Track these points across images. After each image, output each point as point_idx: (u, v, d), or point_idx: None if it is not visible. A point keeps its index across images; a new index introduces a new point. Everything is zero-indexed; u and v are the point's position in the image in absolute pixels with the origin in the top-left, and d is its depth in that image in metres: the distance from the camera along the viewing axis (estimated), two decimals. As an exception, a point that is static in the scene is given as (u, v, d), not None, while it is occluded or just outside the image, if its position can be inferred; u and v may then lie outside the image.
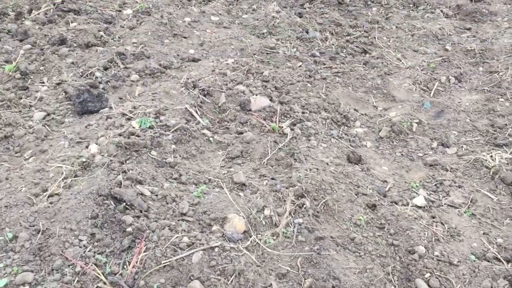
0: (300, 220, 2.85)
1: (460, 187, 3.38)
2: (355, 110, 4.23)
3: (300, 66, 4.76)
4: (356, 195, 3.18)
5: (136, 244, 2.55)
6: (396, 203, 3.19)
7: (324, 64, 4.90)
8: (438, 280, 2.63)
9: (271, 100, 3.95)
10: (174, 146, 3.29)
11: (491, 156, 3.58)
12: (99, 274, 2.39)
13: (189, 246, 2.55)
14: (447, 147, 3.84)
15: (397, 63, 5.02)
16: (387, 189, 3.35)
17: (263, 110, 3.85)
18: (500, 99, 4.40)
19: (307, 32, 5.49)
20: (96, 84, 3.94)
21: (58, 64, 4.30)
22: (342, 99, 4.30)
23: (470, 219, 3.12)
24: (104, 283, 2.36)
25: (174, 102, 3.71)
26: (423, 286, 2.60)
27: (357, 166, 3.53)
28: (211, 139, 3.50)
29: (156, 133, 3.31)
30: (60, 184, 2.90)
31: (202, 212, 2.81)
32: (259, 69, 4.38)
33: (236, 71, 4.26)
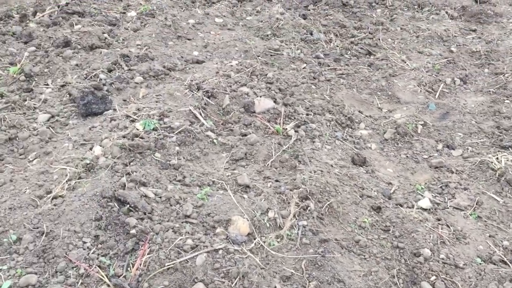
0: (304, 222, 2.84)
1: (465, 189, 3.36)
2: (359, 112, 4.21)
3: (304, 68, 4.75)
4: (360, 197, 3.16)
5: (140, 246, 2.54)
6: (401, 205, 3.17)
7: (329, 65, 4.89)
8: (443, 283, 2.61)
9: (275, 102, 3.94)
10: (178, 148, 3.29)
11: (497, 158, 3.56)
12: (103, 276, 2.38)
13: (193, 248, 2.54)
14: (453, 149, 3.82)
15: (401, 65, 5.00)
16: (392, 191, 3.33)
17: (267, 112, 3.84)
18: (506, 101, 4.38)
19: (311, 34, 5.48)
20: (100, 86, 3.94)
21: (62, 66, 4.31)
22: (346, 101, 4.29)
23: (476, 222, 3.10)
24: (108, 286, 2.36)
25: (178, 104, 3.71)
26: (428, 289, 2.59)
27: (361, 168, 3.52)
28: (215, 141, 3.49)
29: (160, 135, 3.31)
30: (64, 186, 2.90)
31: (206, 214, 2.80)
32: (263, 71, 4.38)
33: (240, 73, 4.25)
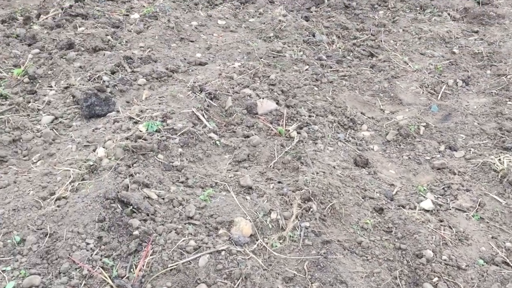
0: (307, 223, 2.85)
1: (468, 190, 3.36)
2: (362, 113, 4.22)
3: (306, 69, 4.76)
4: (363, 198, 3.16)
5: (143, 247, 2.55)
6: (403, 206, 3.17)
7: (331, 67, 4.89)
8: (446, 284, 2.61)
9: (277, 103, 3.95)
10: (180, 150, 3.30)
11: (499, 160, 3.56)
12: (106, 278, 2.39)
13: (195, 249, 2.55)
14: (455, 150, 3.82)
15: (404, 66, 5.01)
16: (394, 192, 3.33)
17: (270, 113, 3.85)
18: (508, 102, 4.38)
19: (314, 36, 5.49)
20: (103, 88, 3.96)
21: (66, 68, 4.33)
22: (349, 103, 4.30)
23: (478, 223, 3.10)
24: (111, 287, 2.37)
25: (181, 106, 3.72)
26: (431, 290, 2.59)
27: (364, 169, 3.52)
28: (217, 142, 3.50)
29: (163, 136, 3.32)
30: (67, 187, 2.91)
31: (208, 216, 2.81)
32: (266, 72, 4.39)
33: (242, 75, 4.26)
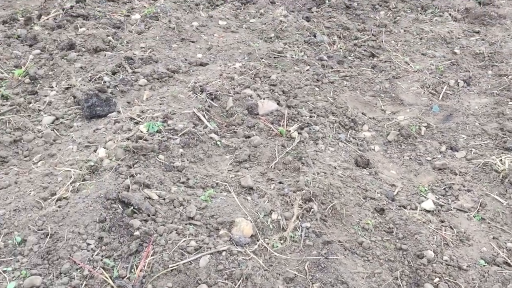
0: (307, 224, 2.84)
1: (469, 191, 3.35)
2: (363, 114, 4.22)
3: (307, 70, 4.76)
4: (364, 199, 3.16)
5: (144, 248, 2.55)
6: (404, 207, 3.17)
7: (332, 68, 4.89)
8: (447, 285, 2.61)
9: (278, 104, 3.95)
10: (181, 150, 3.30)
11: (501, 160, 3.56)
12: (107, 278, 2.39)
13: (196, 250, 2.55)
14: (456, 150, 3.82)
15: (405, 67, 5.00)
16: (396, 193, 3.33)
17: (271, 114, 3.85)
18: (510, 103, 4.37)
19: (315, 36, 5.49)
20: (104, 88, 3.96)
21: (67, 69, 4.33)
22: (350, 103, 4.29)
23: (480, 224, 3.09)
24: (112, 287, 2.37)
25: (182, 106, 3.72)
26: (432, 291, 2.59)
27: (365, 170, 3.52)
28: (218, 143, 3.50)
29: (163, 137, 3.32)
30: (68, 188, 2.91)
31: (209, 216, 2.81)
32: (267, 73, 4.39)
33: (243, 75, 4.26)
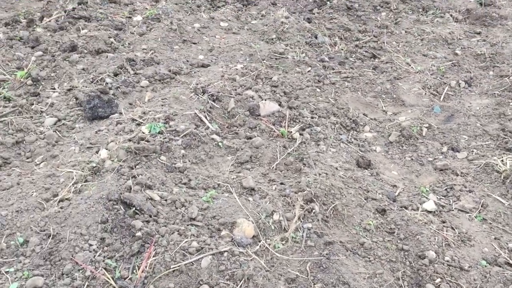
0: (309, 225, 2.85)
1: (470, 191, 3.35)
2: (364, 114, 4.22)
3: (309, 71, 4.76)
4: (365, 199, 3.16)
5: (146, 248, 2.56)
6: (406, 207, 3.17)
7: (333, 69, 4.90)
8: (448, 285, 2.61)
9: (280, 105, 3.96)
10: (183, 151, 3.31)
11: (502, 161, 3.56)
12: (109, 279, 2.40)
13: (198, 250, 2.56)
14: (457, 151, 3.82)
15: (406, 68, 5.01)
16: (397, 193, 3.33)
17: (272, 115, 3.85)
18: (511, 103, 4.37)
19: (316, 37, 5.50)
20: (106, 90, 3.97)
21: (69, 71, 4.35)
22: (351, 104, 4.30)
23: (481, 224, 3.09)
24: (114, 288, 2.38)
25: (184, 108, 3.73)
26: (433, 291, 2.59)
27: (366, 170, 3.52)
28: (220, 144, 3.51)
29: (165, 138, 3.33)
30: (70, 189, 2.92)
31: (211, 217, 2.81)
32: (268, 74, 4.39)
33: (245, 77, 4.27)
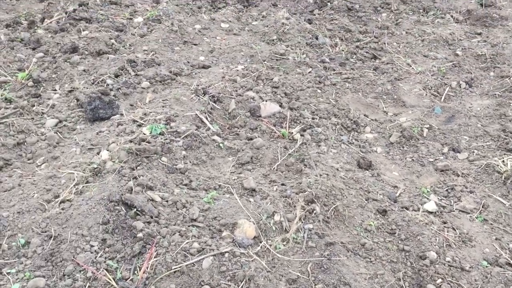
0: (310, 225, 2.85)
1: (471, 192, 3.36)
2: (365, 115, 4.22)
3: (310, 72, 4.77)
4: (366, 200, 3.17)
5: (147, 249, 2.56)
6: (407, 208, 3.17)
7: (334, 70, 4.90)
8: (449, 286, 2.61)
9: (281, 106, 3.96)
10: (184, 152, 3.31)
11: (503, 161, 3.55)
12: (110, 280, 2.40)
13: (199, 251, 2.56)
14: (458, 152, 3.82)
15: (407, 69, 5.01)
16: (398, 194, 3.33)
17: (273, 116, 3.86)
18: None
19: (317, 38, 5.50)
20: (107, 91, 3.97)
21: (70, 72, 4.35)
22: (352, 105, 4.30)
23: (482, 225, 3.09)
24: (115, 289, 2.38)
25: (185, 109, 3.73)
26: (434, 292, 2.59)
27: (367, 171, 3.52)
28: (221, 145, 3.51)
29: (166, 139, 3.33)
30: (71, 190, 2.92)
31: (212, 218, 2.81)
32: (269, 75, 4.40)
33: (246, 78, 4.27)
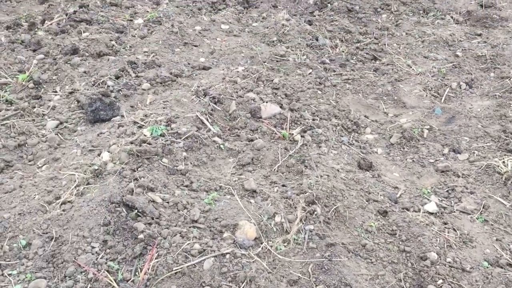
0: (311, 226, 2.85)
1: (472, 193, 3.36)
2: (365, 116, 4.22)
3: (310, 73, 4.77)
4: (367, 201, 3.17)
5: (148, 251, 2.56)
6: (407, 209, 3.18)
7: (334, 71, 4.90)
8: (450, 286, 2.61)
9: (281, 107, 3.96)
10: (185, 154, 3.31)
11: (503, 162, 3.56)
12: (111, 281, 2.40)
13: (200, 253, 2.56)
14: (459, 153, 3.82)
15: (407, 70, 5.01)
16: (399, 195, 3.33)
17: (274, 117, 3.86)
18: (512, 105, 4.38)
19: (317, 40, 5.51)
20: (108, 92, 3.98)
21: (70, 73, 4.36)
22: (352, 106, 4.30)
23: (483, 225, 3.09)
24: (116, 290, 2.38)
25: (185, 110, 3.73)
26: (435, 292, 2.59)
27: (368, 172, 3.53)
28: (221, 146, 3.51)
29: (167, 140, 3.33)
30: (72, 191, 2.93)
31: (213, 219, 2.82)
32: (269, 76, 4.40)
33: (246, 79, 4.28)
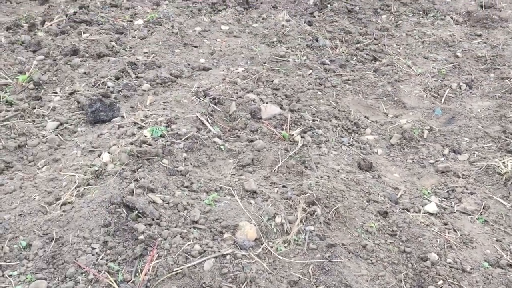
0: (311, 227, 2.85)
1: (472, 193, 3.36)
2: (365, 117, 4.22)
3: (310, 74, 4.77)
4: (367, 202, 3.17)
5: (148, 251, 2.57)
6: (407, 210, 3.18)
7: (334, 71, 4.91)
8: (450, 287, 2.61)
9: (281, 108, 3.97)
10: (185, 155, 3.31)
11: (504, 162, 3.56)
12: (112, 282, 2.40)
13: (200, 253, 2.56)
14: (459, 153, 3.82)
15: (407, 70, 5.02)
16: (399, 196, 3.34)
17: (274, 118, 3.86)
18: (512, 105, 4.38)
19: (317, 40, 5.51)
20: (108, 93, 3.98)
21: (70, 74, 4.36)
22: (352, 107, 4.31)
23: (483, 226, 3.09)
24: (117, 291, 2.38)
25: (185, 111, 3.74)
26: (436, 293, 2.59)
27: (368, 173, 3.53)
28: (222, 147, 3.52)
29: (167, 141, 3.33)
30: (73, 192, 2.93)
31: (213, 220, 2.82)
32: (269, 77, 4.40)
33: (246, 80, 4.28)
